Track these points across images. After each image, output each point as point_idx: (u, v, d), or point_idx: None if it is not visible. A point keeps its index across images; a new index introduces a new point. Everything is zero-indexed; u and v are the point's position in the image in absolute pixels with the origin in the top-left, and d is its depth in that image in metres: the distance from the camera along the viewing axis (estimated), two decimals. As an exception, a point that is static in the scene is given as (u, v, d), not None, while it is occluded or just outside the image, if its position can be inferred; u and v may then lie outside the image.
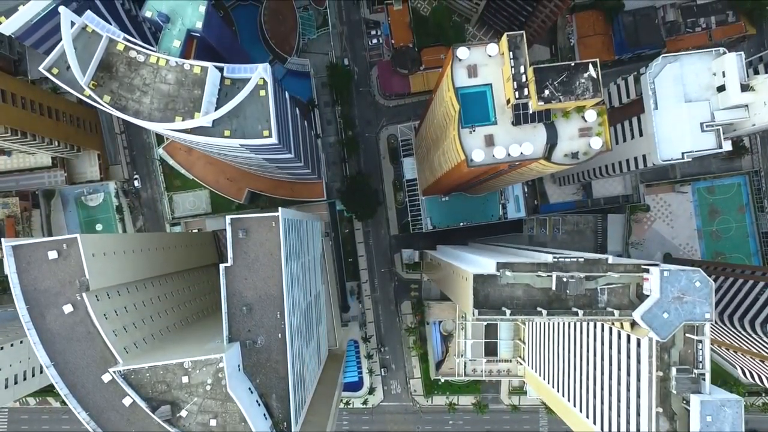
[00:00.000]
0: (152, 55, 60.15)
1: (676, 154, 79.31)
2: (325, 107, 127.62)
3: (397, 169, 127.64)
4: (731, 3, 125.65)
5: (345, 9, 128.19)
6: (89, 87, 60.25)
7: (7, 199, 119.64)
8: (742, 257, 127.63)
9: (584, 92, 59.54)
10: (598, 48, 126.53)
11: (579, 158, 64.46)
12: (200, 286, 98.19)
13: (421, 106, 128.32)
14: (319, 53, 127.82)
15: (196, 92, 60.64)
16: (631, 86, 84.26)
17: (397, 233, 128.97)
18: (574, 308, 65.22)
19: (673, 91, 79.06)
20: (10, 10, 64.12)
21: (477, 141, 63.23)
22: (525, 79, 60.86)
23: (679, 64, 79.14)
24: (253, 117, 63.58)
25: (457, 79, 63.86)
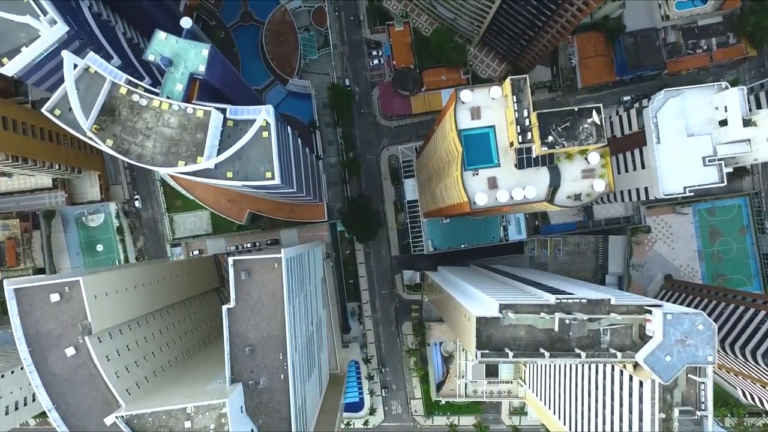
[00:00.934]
0: (155, 99, 60.00)
1: (678, 188, 79.32)
2: (326, 128, 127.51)
3: (398, 189, 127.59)
4: (732, 25, 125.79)
5: (346, 29, 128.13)
6: (92, 131, 60.08)
7: (8, 221, 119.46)
8: (742, 279, 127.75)
9: (588, 138, 59.46)
10: (599, 69, 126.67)
11: (582, 200, 64.43)
12: (201, 313, 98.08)
13: (422, 126, 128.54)
14: (320, 73, 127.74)
15: (198, 136, 60.50)
16: (633, 118, 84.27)
17: (398, 254, 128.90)
18: (577, 349, 65.12)
19: (675, 125, 79.07)
20: (13, 51, 63.96)
21: (480, 184, 63.18)
22: (528, 123, 60.83)
23: (682, 98, 79.19)
24: (255, 158, 63.42)
25: (461, 120, 63.80)
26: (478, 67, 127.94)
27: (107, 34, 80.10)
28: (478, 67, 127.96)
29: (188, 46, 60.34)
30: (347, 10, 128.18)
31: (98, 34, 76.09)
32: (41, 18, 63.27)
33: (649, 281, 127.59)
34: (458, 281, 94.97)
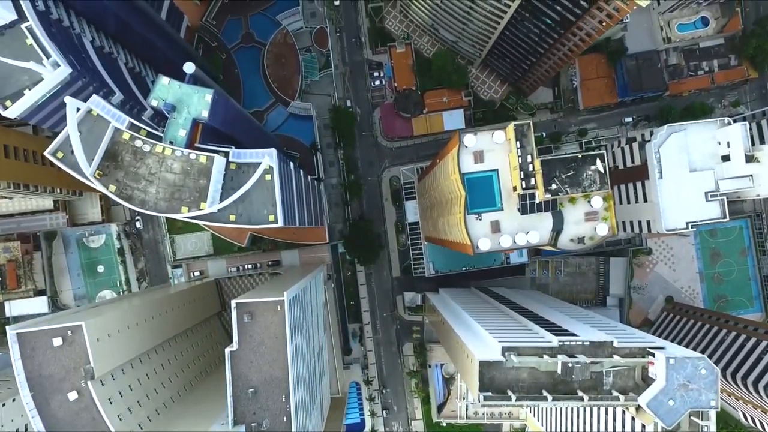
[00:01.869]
0: (158, 145, 59.92)
1: (681, 224, 79.33)
2: (328, 149, 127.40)
3: (399, 211, 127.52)
4: (734, 47, 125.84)
5: (348, 50, 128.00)
6: (95, 177, 60.00)
7: (9, 244, 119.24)
8: (743, 300, 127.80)
9: (591, 185, 59.45)
10: (600, 91, 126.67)
11: (585, 243, 64.39)
12: (203, 341, 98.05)
13: (423, 147, 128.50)
14: (322, 94, 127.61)
15: (202, 182, 60.43)
16: (636, 152, 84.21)
17: (400, 275, 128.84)
18: (580, 391, 65.07)
19: (677, 160, 79.04)
20: (16, 94, 63.81)
21: (483, 228, 63.17)
22: (532, 168, 60.78)
23: (684, 133, 79.15)
24: (258, 201, 63.35)
25: (463, 164, 63.76)
26: (479, 88, 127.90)
27: (109, 67, 79.95)
28: (480, 88, 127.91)
29: (191, 92, 60.27)
30: (349, 30, 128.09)
31: (100, 69, 75.92)
32: (44, 61, 63.07)
33: (650, 303, 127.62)
34: (460, 311, 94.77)
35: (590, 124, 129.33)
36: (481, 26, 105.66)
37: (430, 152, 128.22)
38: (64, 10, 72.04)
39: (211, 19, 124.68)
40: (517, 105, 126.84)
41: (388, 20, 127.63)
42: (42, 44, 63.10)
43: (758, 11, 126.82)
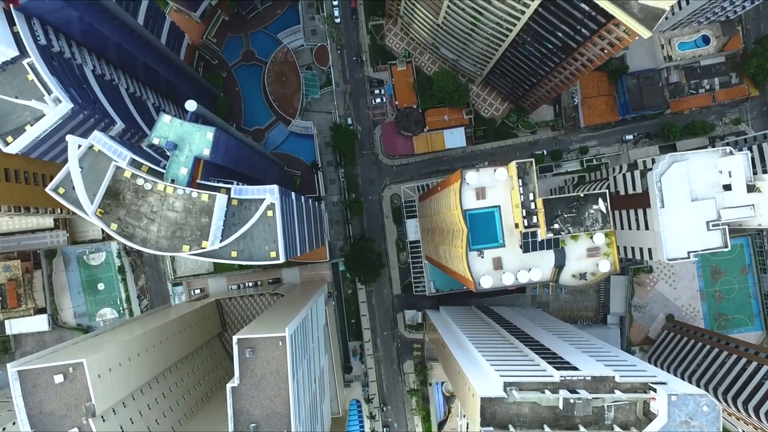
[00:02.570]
0: (159, 183, 59.81)
1: (682, 253, 79.21)
2: (329, 166, 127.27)
3: (400, 228, 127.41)
4: (734, 65, 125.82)
5: (348, 67, 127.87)
6: (96, 215, 59.90)
7: (9, 262, 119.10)
8: (744, 318, 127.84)
9: (593, 224, 59.42)
10: (602, 109, 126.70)
11: (587, 279, 64.34)
12: (205, 364, 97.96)
13: (424, 165, 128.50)
14: (323, 112, 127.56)
15: (203, 220, 60.34)
16: (638, 180, 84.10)
17: (400, 293, 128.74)
18: (581, 426, 65.10)
19: (679, 190, 78.86)
20: (18, 130, 63.72)
21: (485, 265, 63.11)
22: (534, 206, 60.71)
23: (686, 163, 79.00)
24: (260, 238, 63.28)
25: (465, 201, 63.70)
26: (480, 105, 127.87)
27: (110, 95, 79.92)
28: (481, 105, 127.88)
29: (193, 129, 60.16)
30: (349, 48, 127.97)
31: (102, 99, 75.90)
32: (45, 97, 62.99)
33: (650, 321, 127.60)
34: (460, 335, 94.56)
35: (591, 141, 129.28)
36: (482, 47, 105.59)
37: (431, 170, 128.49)
38: (65, 41, 71.92)
39: (211, 37, 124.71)
40: (518, 123, 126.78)
41: (389, 38, 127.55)
42: (43, 80, 63.05)
43: (759, 30, 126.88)
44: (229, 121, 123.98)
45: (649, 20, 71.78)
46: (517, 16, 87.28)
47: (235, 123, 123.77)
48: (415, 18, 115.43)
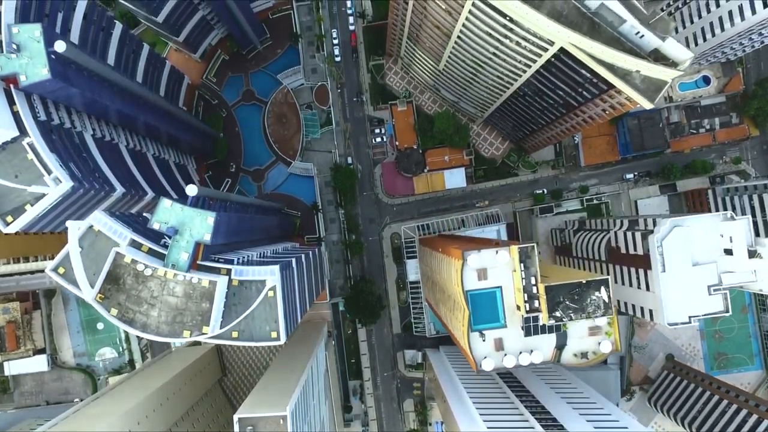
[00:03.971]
0: (159, 268, 59.58)
1: (683, 318, 79.21)
2: (329, 206, 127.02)
3: (400, 267, 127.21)
4: (735, 105, 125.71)
5: (348, 106, 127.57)
6: (96, 300, 59.68)
7: (8, 304, 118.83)
8: (744, 358, 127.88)
9: (595, 310, 59.33)
10: (602, 149, 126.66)
11: (588, 358, 64.26)
12: (205, 416, 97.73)
13: (424, 204, 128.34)
14: (323, 151, 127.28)
15: (204, 305, 60.14)
16: (639, 241, 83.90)
17: (400, 332, 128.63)
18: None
19: (680, 254, 78.77)
20: (18, 209, 63.49)
21: (487, 347, 63.02)
22: (536, 290, 60.59)
23: (687, 228, 78.92)
24: (260, 318, 63.11)
25: (467, 281, 63.55)
26: (480, 145, 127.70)
27: (110, 157, 79.66)
28: (481, 145, 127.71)
29: (193, 214, 59.94)
30: (350, 87, 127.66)
31: (101, 165, 75.65)
32: (45, 178, 62.72)
33: (650, 361, 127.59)
34: (455, 378, 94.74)
35: (592, 180, 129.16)
36: (483, 94, 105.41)
37: (431, 209, 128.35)
38: (65, 111, 71.64)
39: (211, 77, 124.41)
40: (519, 163, 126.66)
41: (389, 76, 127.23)
42: (43, 160, 62.84)
43: (759, 69, 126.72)
44: (229, 162, 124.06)
45: (651, 92, 71.59)
46: (518, 74, 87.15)
47: (234, 163, 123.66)
48: (415, 60, 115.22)
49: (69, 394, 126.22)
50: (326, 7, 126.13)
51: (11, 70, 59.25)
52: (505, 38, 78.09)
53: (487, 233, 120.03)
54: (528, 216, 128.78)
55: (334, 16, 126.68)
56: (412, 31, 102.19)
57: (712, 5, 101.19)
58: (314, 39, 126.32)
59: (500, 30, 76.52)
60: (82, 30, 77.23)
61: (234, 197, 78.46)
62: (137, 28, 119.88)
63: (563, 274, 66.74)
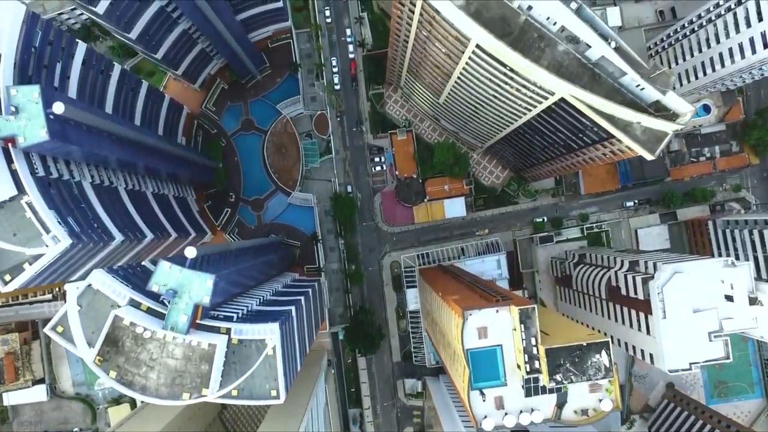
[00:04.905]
0: (158, 331, 59.34)
1: (684, 364, 78.94)
2: (329, 234, 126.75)
3: (400, 295, 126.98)
4: (735, 133, 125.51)
5: (348, 135, 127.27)
6: (95, 363, 59.46)
7: (7, 336, 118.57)
8: (744, 386, 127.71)
9: (596, 373, 59.18)
10: (602, 177, 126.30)
11: (588, 415, 64.07)
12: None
13: (424, 232, 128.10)
14: (322, 180, 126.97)
15: (203, 367, 59.92)
16: (639, 286, 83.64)
17: (400, 360, 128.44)
18: None
19: (681, 301, 78.51)
20: (16, 268, 63.21)
21: (487, 406, 62.85)
22: (536, 351, 60.40)
23: (688, 274, 78.68)
24: (260, 377, 62.91)
25: (468, 339, 63.32)
26: (480, 173, 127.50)
27: (109, 203, 79.41)
28: (481, 173, 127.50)
29: (192, 276, 59.70)
30: (349, 115, 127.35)
31: (100, 213, 75.38)
32: (44, 237, 62.46)
33: (651, 389, 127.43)
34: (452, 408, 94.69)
35: (592, 207, 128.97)
36: (483, 128, 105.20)
37: (430, 237, 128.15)
38: (64, 163, 71.36)
39: (210, 106, 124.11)
40: (519, 191, 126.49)
41: (389, 105, 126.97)
42: (41, 219, 62.50)
43: (759, 96, 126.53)
44: (228, 191, 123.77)
45: (652, 143, 71.46)
46: (518, 115, 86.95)
47: (234, 193, 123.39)
48: (415, 92, 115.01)
49: (68, 423, 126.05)
50: (326, 35, 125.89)
51: (10, 131, 58.95)
52: (505, 84, 77.88)
53: (487, 263, 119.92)
54: (528, 244, 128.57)
55: (333, 45, 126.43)
56: (412, 66, 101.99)
57: (712, 41, 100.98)
58: (314, 67, 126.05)
59: (500, 77, 76.29)
60: (81, 75, 76.98)
61: (234, 246, 78.25)
62: (135, 57, 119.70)
63: (564, 331, 66.63)
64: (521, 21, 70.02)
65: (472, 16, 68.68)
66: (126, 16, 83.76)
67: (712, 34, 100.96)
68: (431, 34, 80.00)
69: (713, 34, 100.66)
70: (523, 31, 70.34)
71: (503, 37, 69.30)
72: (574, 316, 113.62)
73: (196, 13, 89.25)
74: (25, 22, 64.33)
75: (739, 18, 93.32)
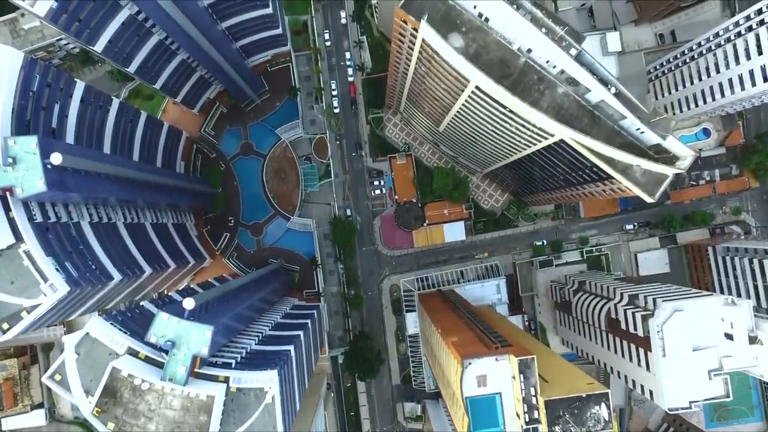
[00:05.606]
0: (157, 383, 59.15)
1: (683, 403, 78.76)
2: (328, 258, 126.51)
3: (399, 318, 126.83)
4: (735, 156, 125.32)
5: (347, 158, 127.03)
6: (93, 414, 59.27)
7: (6, 362, 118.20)
8: (744, 410, 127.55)
9: (595, 424, 59.06)
10: (602, 202, 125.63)
11: (589, 461, 63.84)
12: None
13: (424, 256, 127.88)
14: (322, 203, 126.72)
15: (202, 418, 59.72)
16: (639, 322, 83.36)
17: (400, 383, 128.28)
18: None
19: (681, 339, 78.26)
20: (14, 316, 62.96)
21: (487, 454, 62.75)
22: (536, 401, 60.23)
23: (687, 313, 78.49)
24: (259, 424, 62.72)
25: (467, 387, 63.14)
26: (480, 197, 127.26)
27: (108, 240, 79.09)
28: (481, 197, 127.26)
29: (191, 327, 59.50)
30: (349, 137, 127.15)
31: (99, 253, 75.10)
32: (41, 286, 62.23)
33: (650, 412, 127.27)
34: None
35: (591, 230, 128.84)
36: (482, 158, 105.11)
37: (430, 260, 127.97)
38: (62, 206, 71.08)
39: (209, 130, 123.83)
40: (519, 215, 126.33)
41: (389, 128, 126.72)
42: (39, 268, 62.21)
43: (759, 119, 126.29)
44: (227, 216, 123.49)
45: (651, 185, 71.36)
46: (518, 150, 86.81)
47: (233, 217, 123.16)
48: (414, 118, 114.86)
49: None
50: (325, 59, 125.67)
51: (7, 183, 58.67)
52: (504, 122, 77.73)
53: (486, 287, 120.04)
54: (528, 267, 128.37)
55: (333, 68, 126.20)
56: (411, 95, 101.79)
57: (712, 70, 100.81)
58: (313, 90, 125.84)
59: (500, 115, 76.13)
60: (79, 113, 76.81)
61: (233, 285, 77.99)
62: (134, 81, 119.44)
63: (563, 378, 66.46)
64: (521, 63, 69.86)
65: (472, 59, 68.55)
66: (125, 52, 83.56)
67: (712, 63, 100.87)
68: (430, 70, 79.82)
69: (713, 64, 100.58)
70: (523, 73, 70.17)
71: (503, 79, 69.21)
72: (574, 342, 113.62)
73: (195, 47, 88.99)
74: (23, 68, 64.12)
75: (739, 50, 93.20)
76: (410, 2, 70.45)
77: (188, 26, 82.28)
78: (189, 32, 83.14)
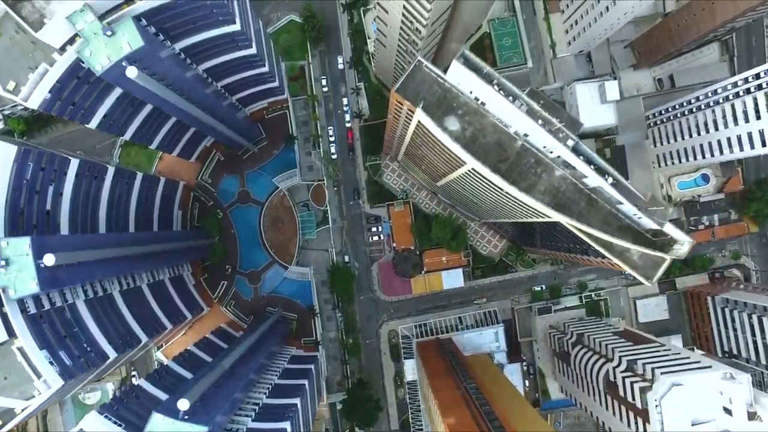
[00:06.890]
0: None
1: (684, 478, 78.43)
2: (326, 304, 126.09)
3: (398, 364, 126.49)
4: (734, 202, 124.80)
5: (345, 204, 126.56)
6: None
7: None
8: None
9: None
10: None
11: None
12: None
13: (422, 302, 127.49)
14: (320, 249, 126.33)
15: None
16: (637, 394, 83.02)
17: (398, 429, 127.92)
18: None
19: (680, 413, 77.89)
20: (7, 412, 62.58)
21: None
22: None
23: (686, 387, 78.10)
24: None
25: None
26: (478, 243, 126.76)
27: (104, 314, 78.83)
28: (479, 243, 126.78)
29: (186, 427, 59.06)
30: (346, 183, 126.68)
31: (94, 332, 74.81)
32: (35, 382, 61.92)
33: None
34: None
35: (590, 275, 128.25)
36: (480, 213, 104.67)
37: (428, 306, 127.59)
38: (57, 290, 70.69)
39: (206, 177, 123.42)
40: (517, 261, 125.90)
41: (386, 174, 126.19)
42: (33, 365, 61.90)
43: (759, 166, 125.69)
44: (225, 264, 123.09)
45: (649, 268, 71.01)
46: (517, 218, 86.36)
47: (230, 266, 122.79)
48: (412, 169, 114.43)
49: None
50: (322, 105, 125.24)
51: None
52: (502, 197, 77.28)
53: (485, 335, 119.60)
54: (526, 313, 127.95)
55: (330, 114, 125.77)
56: (409, 153, 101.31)
57: (710, 127, 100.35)
58: (310, 136, 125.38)
59: (498, 192, 75.68)
60: (74, 188, 76.52)
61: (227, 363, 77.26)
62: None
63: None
64: (518, 146, 69.46)
65: (468, 142, 68.17)
66: (119, 124, 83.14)
67: (710, 120, 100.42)
68: (427, 145, 79.41)
69: (712, 121, 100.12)
70: (520, 156, 69.77)
71: (499, 163, 68.88)
72: (573, 393, 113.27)
73: (189, 117, 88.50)
74: (16, 161, 63.79)
75: (738, 111, 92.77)
76: (406, 85, 69.97)
77: (181, 103, 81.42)
78: (183, 107, 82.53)
